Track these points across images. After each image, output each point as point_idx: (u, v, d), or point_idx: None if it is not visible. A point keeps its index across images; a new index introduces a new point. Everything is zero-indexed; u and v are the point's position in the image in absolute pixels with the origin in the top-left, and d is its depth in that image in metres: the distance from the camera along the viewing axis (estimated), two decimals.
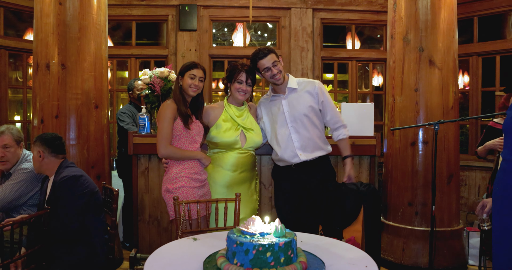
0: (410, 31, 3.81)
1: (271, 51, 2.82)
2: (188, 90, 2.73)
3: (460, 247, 3.85)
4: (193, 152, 2.71)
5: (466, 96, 5.53)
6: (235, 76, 2.81)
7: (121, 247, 4.12)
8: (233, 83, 2.83)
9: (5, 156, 2.88)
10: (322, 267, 1.69)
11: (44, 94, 3.56)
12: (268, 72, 2.82)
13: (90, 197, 2.55)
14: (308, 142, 2.88)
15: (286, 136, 2.89)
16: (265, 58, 2.79)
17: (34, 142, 2.63)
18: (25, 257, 2.31)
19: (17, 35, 5.52)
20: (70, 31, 3.54)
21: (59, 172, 2.59)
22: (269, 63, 2.80)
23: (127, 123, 4.18)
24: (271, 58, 2.80)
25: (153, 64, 5.80)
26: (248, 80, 2.81)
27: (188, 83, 2.71)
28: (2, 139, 2.90)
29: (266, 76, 2.85)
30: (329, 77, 6.68)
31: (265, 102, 3.04)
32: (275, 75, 2.82)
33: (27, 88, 5.54)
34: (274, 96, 2.97)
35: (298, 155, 2.86)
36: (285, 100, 2.92)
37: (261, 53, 2.80)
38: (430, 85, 3.75)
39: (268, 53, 2.80)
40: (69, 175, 2.52)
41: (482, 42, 5.28)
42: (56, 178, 2.56)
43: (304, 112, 2.88)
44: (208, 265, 1.71)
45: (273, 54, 2.82)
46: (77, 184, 2.51)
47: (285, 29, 5.71)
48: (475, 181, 5.13)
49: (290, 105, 2.91)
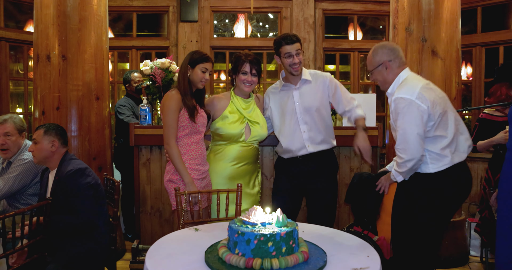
0: (413, 21, 3.77)
1: (299, 40, 2.80)
2: (199, 84, 2.68)
3: (462, 238, 3.85)
4: (185, 172, 2.59)
5: (469, 88, 5.50)
6: (239, 67, 2.77)
7: (123, 239, 4.14)
8: (238, 74, 2.79)
9: (5, 144, 2.88)
10: (324, 257, 1.69)
11: (45, 86, 3.55)
12: (290, 59, 2.78)
13: (96, 189, 2.56)
14: (316, 134, 2.86)
15: (295, 128, 2.86)
16: (292, 44, 2.75)
17: (45, 132, 2.57)
18: (27, 247, 2.32)
19: (17, 27, 5.50)
20: (71, 22, 3.53)
21: (63, 165, 2.58)
22: (293, 50, 2.76)
23: (127, 115, 4.17)
24: (296, 46, 2.77)
25: (154, 55, 5.77)
26: (252, 70, 2.77)
27: (200, 77, 2.65)
28: (4, 127, 2.89)
29: (285, 63, 2.81)
30: (331, 68, 6.65)
31: (274, 91, 2.99)
32: (295, 64, 2.78)
33: (28, 80, 5.53)
34: (285, 86, 2.93)
35: (306, 147, 2.84)
36: (297, 91, 2.88)
37: (288, 39, 2.77)
38: (433, 75, 3.73)
39: (296, 41, 2.77)
40: (75, 168, 2.52)
41: (485, 32, 5.23)
42: (61, 171, 2.55)
43: (316, 105, 2.86)
44: (209, 255, 1.71)
45: (299, 44, 2.79)
46: (83, 176, 2.51)
47: (287, 20, 5.67)
48: (477, 172, 5.12)
49: (301, 96, 2.87)
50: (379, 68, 2.50)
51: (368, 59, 2.58)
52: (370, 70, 2.55)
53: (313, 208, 2.95)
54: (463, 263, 3.79)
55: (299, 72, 2.84)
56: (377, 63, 2.50)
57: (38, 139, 2.58)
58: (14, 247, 2.20)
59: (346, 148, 3.56)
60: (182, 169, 2.59)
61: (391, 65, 2.48)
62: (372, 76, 2.56)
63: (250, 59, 2.76)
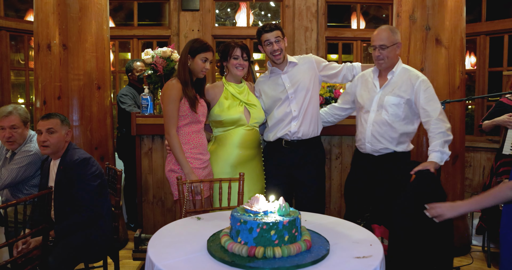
0: (417, 9, 3.72)
1: (278, 28, 2.85)
2: (199, 73, 2.68)
3: (464, 228, 3.85)
4: (185, 162, 2.59)
5: (472, 77, 5.45)
6: (230, 53, 2.81)
7: (126, 228, 4.16)
8: (229, 60, 2.83)
9: (12, 136, 2.88)
10: (327, 246, 1.69)
11: (46, 75, 3.53)
12: (269, 46, 2.84)
13: (100, 179, 2.57)
14: (305, 116, 2.89)
15: (285, 109, 2.90)
16: (270, 32, 2.82)
17: (62, 121, 2.58)
18: (30, 236, 2.33)
19: (17, 16, 5.46)
20: (71, 11, 3.50)
21: (67, 154, 2.58)
22: (272, 38, 2.82)
23: (129, 105, 4.15)
24: (275, 34, 2.83)
25: (156, 45, 5.73)
26: (243, 54, 2.80)
27: (200, 67, 2.65)
28: (9, 119, 2.88)
29: (266, 50, 2.88)
30: (334, 58, 6.60)
31: (263, 80, 3.04)
32: (275, 51, 2.83)
33: (29, 70, 5.50)
34: (273, 72, 2.99)
35: (292, 125, 2.88)
36: (285, 75, 2.94)
37: (267, 27, 2.84)
38: (437, 64, 3.69)
39: (274, 29, 2.83)
40: (80, 157, 2.53)
41: (490, 21, 5.17)
42: (65, 160, 2.55)
43: (306, 85, 2.91)
44: (212, 243, 1.71)
45: (278, 31, 2.84)
46: (89, 166, 2.52)
47: (289, 8, 5.61)
48: (480, 162, 5.10)
49: (290, 79, 2.93)
50: (395, 46, 2.68)
51: (385, 35, 2.67)
52: (387, 45, 2.65)
53: (301, 197, 2.98)
54: (465, 252, 3.79)
55: (281, 60, 2.89)
56: (395, 41, 2.67)
57: (56, 128, 2.55)
58: (17, 236, 2.20)
59: (349, 137, 3.55)
60: (182, 159, 2.58)
61: (400, 48, 2.72)
62: (385, 51, 2.66)
63: (240, 44, 2.82)
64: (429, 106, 2.61)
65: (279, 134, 2.91)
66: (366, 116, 2.77)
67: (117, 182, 2.72)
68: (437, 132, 2.54)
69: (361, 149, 2.84)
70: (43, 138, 2.53)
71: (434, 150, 2.50)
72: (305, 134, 2.90)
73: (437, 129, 2.54)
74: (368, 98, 2.78)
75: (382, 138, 2.71)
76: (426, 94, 2.63)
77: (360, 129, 2.83)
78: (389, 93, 2.71)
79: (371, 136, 2.73)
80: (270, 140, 2.98)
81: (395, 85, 2.72)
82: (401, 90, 2.68)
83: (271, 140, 2.96)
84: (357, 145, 2.90)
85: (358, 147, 2.88)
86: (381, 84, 2.76)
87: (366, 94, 2.81)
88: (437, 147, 2.50)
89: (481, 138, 5.14)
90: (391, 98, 2.69)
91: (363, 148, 2.80)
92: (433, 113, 2.59)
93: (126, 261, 3.52)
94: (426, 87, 2.65)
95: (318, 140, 3.02)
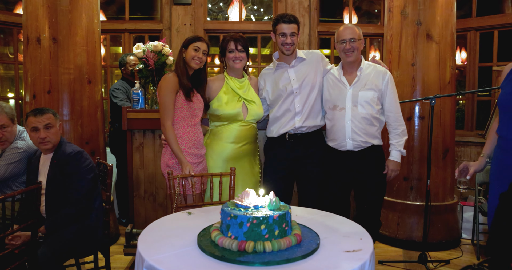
0: (408, 4, 3.74)
1: (297, 22, 2.83)
2: (191, 62, 2.70)
3: (454, 221, 3.89)
4: (181, 154, 2.62)
5: (463, 72, 5.48)
6: (225, 47, 2.81)
7: (117, 223, 4.14)
8: (226, 54, 2.82)
9: (3, 136, 2.84)
10: (317, 240, 1.69)
11: (36, 69, 3.50)
12: (283, 38, 2.81)
13: (94, 172, 2.57)
14: (308, 110, 2.87)
15: (289, 103, 2.88)
16: (288, 24, 2.79)
17: (54, 114, 2.56)
18: (19, 231, 2.31)
19: (6, 9, 5.38)
20: (61, 4, 3.46)
21: (61, 148, 2.56)
22: (288, 31, 2.79)
23: (121, 99, 4.12)
24: (292, 27, 2.80)
25: (147, 39, 5.68)
26: (238, 46, 2.78)
27: (191, 55, 2.69)
28: None
29: (278, 41, 2.85)
30: (326, 53, 6.60)
31: (268, 73, 3.01)
32: (287, 44, 2.81)
33: (19, 63, 5.42)
34: (279, 66, 2.95)
35: (296, 121, 2.86)
36: (292, 69, 2.91)
37: (286, 17, 2.80)
38: (427, 59, 3.71)
39: (293, 22, 2.80)
40: (75, 150, 2.52)
41: (480, 16, 5.19)
42: (59, 154, 2.54)
43: (311, 81, 2.89)
44: (202, 238, 1.71)
45: (295, 25, 2.82)
46: (83, 159, 2.52)
47: (282, 3, 5.60)
48: (470, 156, 5.14)
49: (297, 73, 2.90)
50: (361, 41, 2.84)
51: (354, 30, 2.83)
52: (356, 39, 2.80)
53: (303, 191, 2.97)
54: (455, 246, 3.83)
55: (291, 52, 2.86)
56: (361, 37, 2.85)
57: (52, 123, 2.53)
58: (5, 232, 2.19)
59: None
60: (177, 150, 2.62)
61: (363, 45, 2.91)
62: (355, 44, 2.80)
63: (234, 37, 2.80)
64: (394, 101, 2.86)
65: (282, 131, 2.89)
66: (342, 113, 2.80)
67: (108, 177, 2.71)
68: (401, 130, 2.88)
69: (340, 148, 2.85)
70: (42, 134, 2.49)
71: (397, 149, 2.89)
72: (309, 128, 2.89)
73: (400, 127, 2.88)
74: (339, 96, 2.82)
75: (362, 132, 2.78)
76: (393, 89, 2.85)
77: (337, 127, 2.83)
78: (362, 88, 2.79)
79: (351, 131, 2.78)
80: (274, 136, 2.95)
81: (366, 79, 2.81)
82: (373, 84, 2.80)
83: (274, 136, 2.94)
84: (332, 145, 2.90)
85: (337, 146, 2.87)
86: (350, 81, 2.83)
87: (335, 91, 2.85)
88: (401, 147, 2.89)
89: (471, 133, 5.18)
90: (365, 93, 2.79)
91: (343, 146, 2.83)
92: (396, 109, 2.87)
93: (117, 257, 3.51)
94: (393, 82, 2.88)
95: (320, 133, 3.01)
